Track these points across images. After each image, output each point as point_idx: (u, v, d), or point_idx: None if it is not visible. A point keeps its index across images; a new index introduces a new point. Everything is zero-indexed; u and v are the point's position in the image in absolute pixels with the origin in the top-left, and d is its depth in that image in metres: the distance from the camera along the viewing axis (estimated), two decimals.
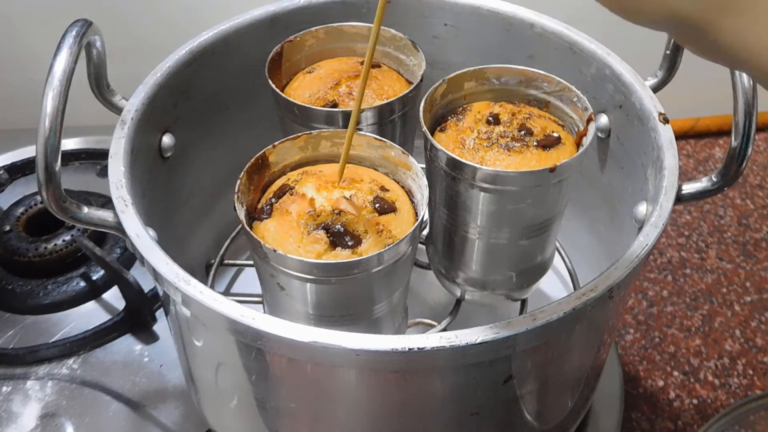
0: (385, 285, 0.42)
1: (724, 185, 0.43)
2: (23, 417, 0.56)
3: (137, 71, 0.50)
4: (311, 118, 0.47)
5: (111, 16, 0.62)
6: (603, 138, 0.52)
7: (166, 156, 0.50)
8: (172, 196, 0.52)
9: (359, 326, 0.43)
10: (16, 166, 0.76)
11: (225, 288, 0.62)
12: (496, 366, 0.39)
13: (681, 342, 0.65)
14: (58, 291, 0.64)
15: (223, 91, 0.55)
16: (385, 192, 0.44)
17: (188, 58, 0.51)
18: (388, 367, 0.37)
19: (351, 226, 0.41)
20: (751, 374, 0.63)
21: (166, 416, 0.56)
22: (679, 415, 0.60)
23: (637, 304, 0.68)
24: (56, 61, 0.37)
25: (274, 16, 0.55)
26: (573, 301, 0.36)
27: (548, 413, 0.48)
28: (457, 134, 0.46)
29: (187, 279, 0.37)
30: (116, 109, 0.47)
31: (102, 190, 0.72)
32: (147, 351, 0.60)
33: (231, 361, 0.42)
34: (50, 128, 0.36)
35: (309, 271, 0.39)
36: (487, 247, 0.47)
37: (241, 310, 0.36)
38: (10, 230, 0.65)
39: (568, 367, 0.45)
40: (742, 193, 0.80)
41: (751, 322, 0.67)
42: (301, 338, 0.35)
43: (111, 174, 0.42)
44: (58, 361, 0.60)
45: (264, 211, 0.43)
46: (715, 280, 0.71)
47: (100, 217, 0.40)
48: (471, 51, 0.57)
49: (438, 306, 0.59)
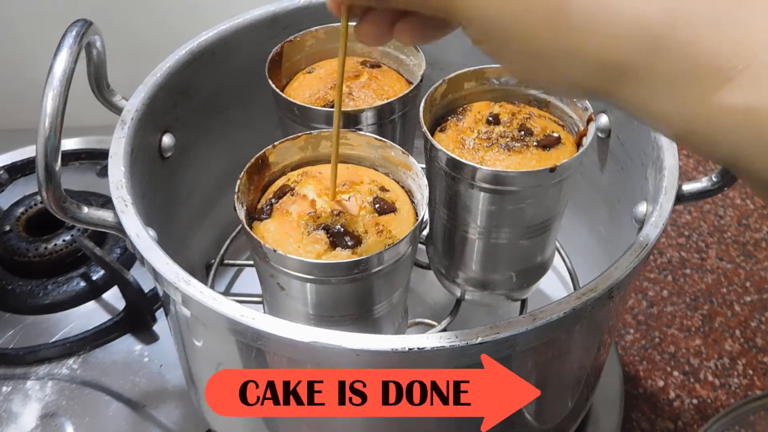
0: (385, 285, 0.42)
1: (724, 185, 0.43)
2: (23, 417, 0.56)
3: (137, 71, 0.50)
4: (311, 118, 0.47)
5: (111, 16, 0.62)
6: (603, 138, 0.52)
7: (166, 156, 0.50)
8: (172, 196, 0.52)
9: (359, 326, 0.43)
10: (16, 166, 0.76)
11: (225, 288, 0.62)
12: None
13: (681, 342, 0.65)
14: (58, 291, 0.64)
15: (223, 91, 0.55)
16: (385, 192, 0.44)
17: (188, 58, 0.51)
18: (388, 367, 0.37)
19: (351, 226, 0.41)
20: (751, 374, 0.63)
21: (166, 416, 0.56)
22: (679, 415, 0.60)
23: (637, 304, 0.68)
24: (56, 61, 0.37)
25: (274, 16, 0.55)
26: (573, 301, 0.36)
27: (548, 413, 0.48)
28: (457, 134, 0.46)
29: (187, 279, 0.37)
30: (116, 109, 0.47)
31: (102, 190, 0.72)
32: (147, 351, 0.60)
33: (231, 361, 0.42)
34: (50, 128, 0.36)
35: (309, 271, 0.39)
36: (487, 247, 0.47)
37: (241, 310, 0.36)
38: (10, 230, 0.65)
39: (568, 367, 0.45)
40: (742, 193, 0.80)
41: (751, 322, 0.67)
42: (301, 338, 0.35)
43: (111, 174, 0.42)
44: (58, 361, 0.60)
45: (264, 212, 0.43)
46: (715, 280, 0.71)
47: (100, 217, 0.40)
48: (471, 51, 0.56)
49: (438, 306, 0.59)
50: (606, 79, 0.23)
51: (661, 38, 0.21)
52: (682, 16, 0.21)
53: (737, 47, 0.21)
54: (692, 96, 0.21)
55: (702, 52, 0.21)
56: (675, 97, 0.22)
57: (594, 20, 0.22)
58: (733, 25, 0.21)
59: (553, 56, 0.23)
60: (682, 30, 0.21)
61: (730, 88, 0.21)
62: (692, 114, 0.22)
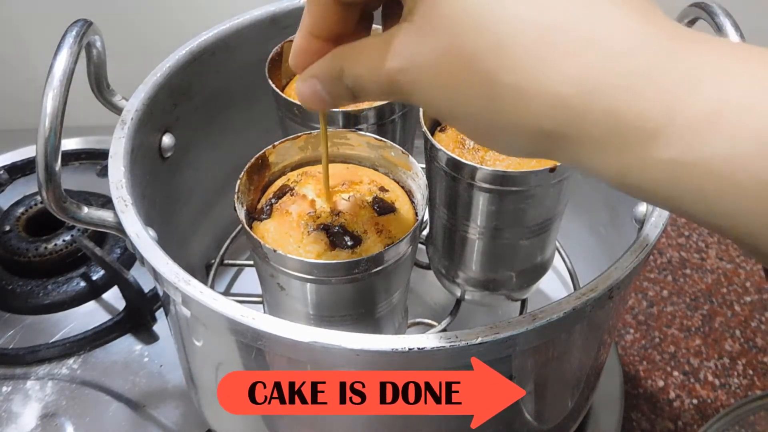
0: (385, 285, 0.42)
1: None
2: (23, 417, 0.56)
3: (137, 71, 0.50)
4: (311, 118, 0.47)
5: (111, 16, 0.62)
6: None
7: (166, 156, 0.50)
8: (172, 196, 0.52)
9: (359, 326, 0.43)
10: (16, 166, 0.76)
11: (225, 288, 0.62)
12: (496, 366, 0.39)
13: (681, 342, 0.65)
14: (58, 291, 0.64)
15: (223, 91, 0.55)
16: (384, 192, 0.44)
17: (188, 58, 0.51)
18: (388, 367, 0.37)
19: (351, 226, 0.41)
20: (751, 374, 0.63)
21: (166, 416, 0.56)
22: (679, 415, 0.60)
23: (637, 304, 0.68)
24: (56, 61, 0.37)
25: (274, 16, 0.55)
26: (573, 301, 0.36)
27: (548, 413, 0.48)
28: (457, 134, 0.46)
29: (187, 279, 0.37)
30: (116, 109, 0.47)
31: (102, 190, 0.72)
32: (147, 351, 0.60)
33: (231, 361, 0.42)
34: (50, 128, 0.36)
35: (309, 271, 0.39)
36: (487, 247, 0.47)
37: (241, 310, 0.36)
38: (10, 230, 0.65)
39: (568, 367, 0.45)
40: None
41: (751, 322, 0.67)
42: (301, 338, 0.35)
43: (111, 174, 0.42)
44: (58, 361, 0.60)
45: (264, 212, 0.43)
46: (715, 280, 0.71)
47: (100, 217, 0.40)
48: None
49: (438, 306, 0.59)
50: (543, 145, 0.25)
51: (581, 109, 0.23)
52: (597, 87, 0.23)
53: (655, 109, 0.22)
54: (622, 153, 0.23)
55: (623, 116, 0.23)
56: (606, 155, 0.23)
57: (521, 99, 0.24)
58: (648, 88, 0.22)
59: (494, 130, 0.25)
60: (600, 100, 0.23)
61: (655, 145, 0.22)
62: (624, 168, 0.23)
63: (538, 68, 0.23)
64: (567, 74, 0.23)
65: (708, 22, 0.42)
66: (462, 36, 0.24)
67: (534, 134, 0.24)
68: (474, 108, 0.25)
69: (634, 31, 0.23)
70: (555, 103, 0.23)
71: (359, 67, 0.29)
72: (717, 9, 0.42)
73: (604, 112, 0.23)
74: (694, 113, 0.22)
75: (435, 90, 0.26)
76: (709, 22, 0.42)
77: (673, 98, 0.22)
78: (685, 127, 0.22)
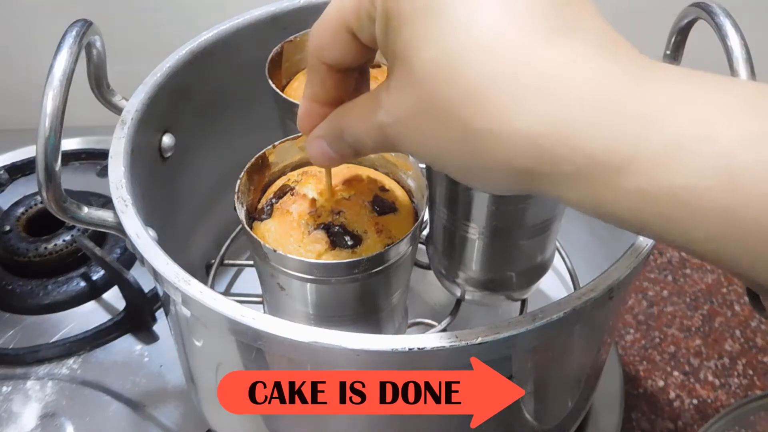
0: (385, 285, 0.42)
1: None
2: (23, 417, 0.56)
3: (137, 71, 0.50)
4: None
5: (111, 16, 0.62)
6: None
7: (166, 156, 0.50)
8: (172, 196, 0.52)
9: (359, 326, 0.43)
10: (16, 166, 0.76)
11: (225, 288, 0.62)
12: (496, 366, 0.39)
13: (681, 342, 0.65)
14: (58, 291, 0.64)
15: (223, 91, 0.55)
16: (384, 192, 0.44)
17: (188, 58, 0.51)
18: (388, 366, 0.37)
19: (351, 226, 0.41)
20: (751, 374, 0.63)
21: (166, 416, 0.56)
22: (679, 415, 0.60)
23: (637, 304, 0.68)
24: (56, 61, 0.37)
25: (274, 16, 0.55)
26: (573, 301, 0.36)
27: (548, 413, 0.48)
28: None
29: (187, 279, 0.37)
30: (116, 109, 0.47)
31: (102, 190, 0.72)
32: (147, 351, 0.60)
33: (231, 361, 0.42)
34: (50, 128, 0.36)
35: (309, 271, 0.39)
36: (487, 248, 0.47)
37: (241, 310, 0.36)
38: (10, 230, 0.65)
39: (568, 368, 0.45)
40: None
41: (751, 322, 0.67)
42: (301, 338, 0.35)
43: (111, 174, 0.42)
44: (58, 361, 0.60)
45: (264, 211, 0.43)
46: (715, 280, 0.71)
47: (100, 217, 0.40)
48: None
49: (438, 306, 0.59)
50: (523, 182, 0.26)
51: (552, 148, 0.24)
52: (565, 125, 0.24)
53: (620, 141, 0.23)
54: (594, 186, 0.24)
55: (590, 150, 0.24)
56: (580, 188, 0.25)
57: (495, 143, 0.25)
58: (614, 122, 0.23)
59: (476, 171, 0.27)
60: (568, 138, 0.24)
61: (624, 176, 0.23)
62: (598, 200, 0.25)
63: (508, 112, 0.24)
64: (536, 115, 0.24)
65: (708, 22, 0.42)
66: (436, 88, 0.26)
67: (512, 173, 0.26)
68: (454, 154, 0.27)
69: (597, 66, 0.24)
70: (527, 144, 0.25)
71: (355, 126, 0.31)
72: (717, 9, 0.41)
73: (573, 148, 0.24)
74: (656, 145, 0.23)
75: (418, 140, 0.28)
76: (709, 22, 0.42)
77: (637, 131, 0.23)
78: (648, 159, 0.23)
